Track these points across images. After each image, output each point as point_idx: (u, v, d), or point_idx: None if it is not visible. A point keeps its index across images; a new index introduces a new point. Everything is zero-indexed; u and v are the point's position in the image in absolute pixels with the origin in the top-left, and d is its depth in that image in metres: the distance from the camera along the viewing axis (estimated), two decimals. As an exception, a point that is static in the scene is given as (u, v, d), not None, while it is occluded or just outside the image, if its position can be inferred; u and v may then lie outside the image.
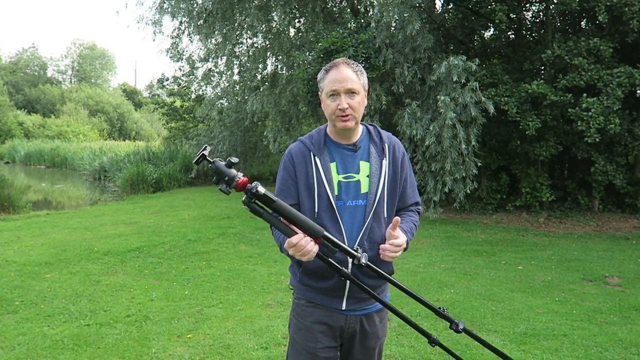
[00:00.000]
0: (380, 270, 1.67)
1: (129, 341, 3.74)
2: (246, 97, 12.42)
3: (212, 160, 1.52)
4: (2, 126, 35.41)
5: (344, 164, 1.80)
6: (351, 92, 1.72)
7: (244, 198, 1.54)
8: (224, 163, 1.52)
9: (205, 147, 1.56)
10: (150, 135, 41.58)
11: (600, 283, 5.42)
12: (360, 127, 1.86)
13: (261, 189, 1.51)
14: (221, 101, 14.31)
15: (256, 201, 1.54)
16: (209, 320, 4.20)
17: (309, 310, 1.84)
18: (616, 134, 8.36)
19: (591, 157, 9.19)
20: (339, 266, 1.63)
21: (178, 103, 20.65)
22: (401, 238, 1.69)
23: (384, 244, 1.72)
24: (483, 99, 8.17)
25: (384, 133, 1.88)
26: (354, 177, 1.79)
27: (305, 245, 1.56)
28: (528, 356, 3.54)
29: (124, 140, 36.63)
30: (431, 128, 8.18)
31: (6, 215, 10.06)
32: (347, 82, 1.71)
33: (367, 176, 1.79)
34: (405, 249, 1.78)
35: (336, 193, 1.77)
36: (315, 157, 1.79)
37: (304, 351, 1.83)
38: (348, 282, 1.74)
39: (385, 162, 1.81)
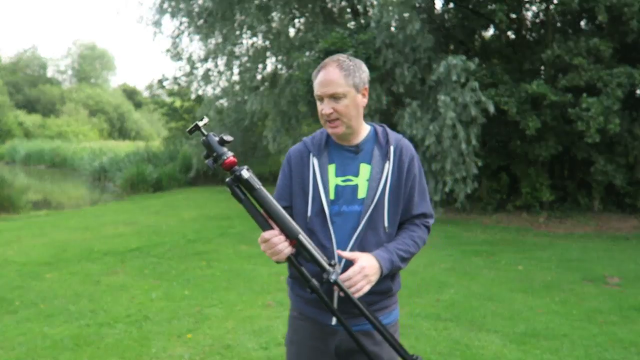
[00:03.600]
0: (349, 292, 1.48)
1: (129, 341, 3.74)
2: (246, 97, 12.42)
3: (205, 134, 1.46)
4: (2, 126, 35.40)
5: (343, 167, 1.68)
6: (335, 97, 1.60)
7: (227, 179, 1.47)
8: (217, 139, 1.45)
9: (203, 117, 1.50)
10: (150, 135, 41.54)
11: (600, 283, 5.42)
12: (366, 129, 1.74)
13: (245, 173, 1.44)
14: (221, 101, 14.31)
15: (240, 186, 1.48)
16: (209, 320, 4.19)
17: (300, 324, 1.74)
18: (616, 134, 8.35)
19: (591, 157, 9.19)
20: (308, 276, 1.49)
21: (178, 103, 20.62)
22: (354, 267, 1.50)
23: None
24: (483, 98, 8.17)
25: (391, 134, 1.74)
26: (352, 181, 1.66)
27: (277, 244, 1.47)
28: (528, 356, 3.54)
29: (124, 140, 36.61)
30: (431, 128, 8.18)
31: (6, 215, 10.06)
32: (330, 86, 1.59)
33: (367, 180, 1.65)
34: (394, 269, 1.63)
35: (332, 197, 1.65)
36: (314, 158, 1.68)
37: None
38: (336, 294, 1.58)
39: (387, 166, 1.66)
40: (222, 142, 1.46)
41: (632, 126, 8.89)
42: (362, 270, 1.52)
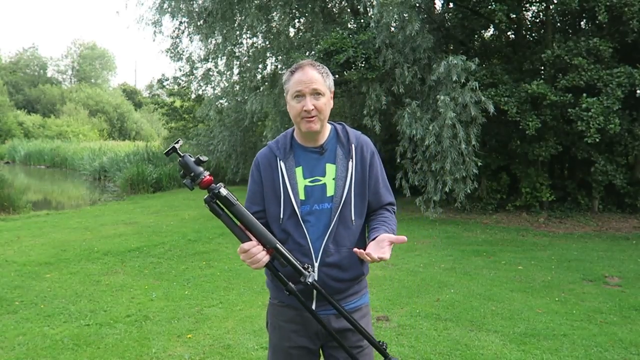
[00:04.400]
0: (324, 292, 1.64)
1: (129, 341, 3.75)
2: (246, 97, 12.41)
3: (182, 155, 1.54)
4: (2, 126, 35.39)
5: (310, 168, 1.78)
6: (316, 93, 1.70)
7: (206, 197, 1.57)
8: (193, 159, 1.54)
9: (178, 140, 1.58)
10: (150, 135, 41.53)
11: (600, 283, 5.42)
12: (328, 128, 1.84)
13: (223, 191, 1.55)
14: (221, 101, 14.30)
15: (218, 202, 1.57)
16: (209, 320, 4.20)
17: (281, 310, 1.84)
18: (616, 134, 8.35)
19: (591, 157, 9.19)
20: (285, 280, 1.62)
21: (178, 103, 20.61)
22: (387, 254, 1.60)
23: (356, 247, 1.68)
24: (483, 98, 8.17)
25: (351, 133, 1.85)
26: (320, 181, 1.77)
27: (256, 254, 1.57)
28: (528, 356, 3.54)
29: (124, 140, 36.59)
30: (431, 128, 8.18)
31: (6, 215, 10.06)
32: (312, 83, 1.69)
33: (333, 179, 1.76)
34: None
35: (302, 198, 1.75)
36: (281, 162, 1.77)
37: (279, 350, 1.84)
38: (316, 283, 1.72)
39: (351, 164, 1.77)
40: (199, 162, 1.54)
41: (632, 126, 8.89)
42: (385, 259, 1.60)
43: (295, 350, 1.81)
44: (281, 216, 1.75)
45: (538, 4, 10.19)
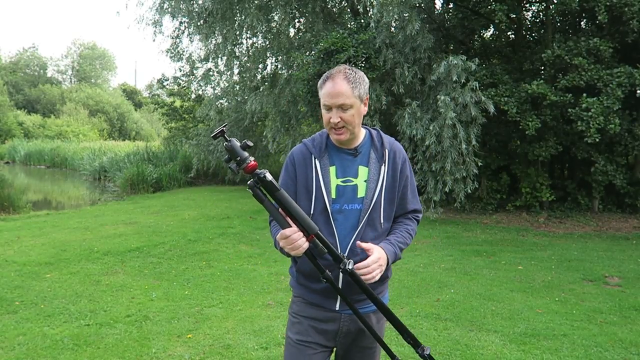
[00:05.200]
0: (361, 279, 1.68)
1: (129, 341, 3.75)
2: (246, 97, 12.42)
3: (229, 139, 1.55)
4: (2, 126, 35.38)
5: (343, 168, 1.82)
6: (343, 107, 1.72)
7: (250, 181, 1.57)
8: (239, 144, 1.55)
9: (226, 124, 1.60)
10: (150, 135, 41.54)
11: (600, 283, 5.42)
12: (363, 132, 1.87)
13: (269, 176, 1.55)
14: (221, 101, 14.31)
15: (261, 187, 1.57)
16: (209, 320, 4.20)
17: (303, 307, 1.88)
18: (616, 134, 8.36)
19: (591, 157, 9.20)
20: (322, 267, 1.64)
21: (178, 103, 20.62)
22: (371, 257, 1.67)
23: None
24: (483, 98, 8.18)
25: (385, 138, 1.89)
26: (352, 182, 1.81)
27: (297, 240, 1.58)
28: (528, 356, 3.54)
29: (124, 140, 36.58)
30: (431, 128, 8.19)
31: (6, 215, 10.05)
32: (339, 97, 1.71)
33: (365, 181, 1.81)
34: (396, 260, 1.79)
35: (334, 197, 1.79)
36: (316, 160, 1.81)
37: (295, 344, 1.85)
38: (341, 283, 1.77)
39: (383, 168, 1.82)
40: (245, 147, 1.55)
41: (632, 126, 8.90)
42: (379, 260, 1.70)
43: (311, 345, 1.84)
44: (311, 211, 1.78)
45: (538, 4, 10.20)
